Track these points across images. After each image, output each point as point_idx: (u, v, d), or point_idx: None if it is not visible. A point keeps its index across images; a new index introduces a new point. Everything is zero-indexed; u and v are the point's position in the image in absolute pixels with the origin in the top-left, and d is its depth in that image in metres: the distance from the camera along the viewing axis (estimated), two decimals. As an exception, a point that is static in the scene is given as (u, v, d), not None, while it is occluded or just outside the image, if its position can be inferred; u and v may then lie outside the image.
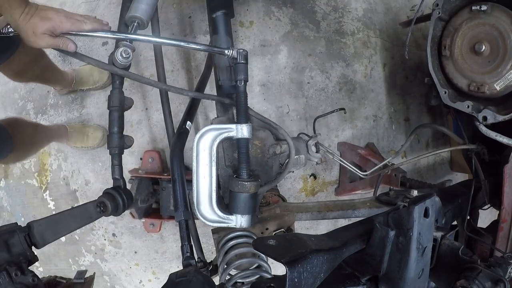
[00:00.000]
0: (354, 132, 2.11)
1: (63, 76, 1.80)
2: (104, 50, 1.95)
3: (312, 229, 2.12)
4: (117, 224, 2.02)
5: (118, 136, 1.22)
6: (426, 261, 0.89)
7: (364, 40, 2.13)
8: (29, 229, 0.99)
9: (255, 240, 0.84)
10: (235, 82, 1.11)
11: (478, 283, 0.83)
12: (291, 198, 2.06)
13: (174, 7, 1.96)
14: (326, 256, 0.78)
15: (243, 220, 1.10)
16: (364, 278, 0.93)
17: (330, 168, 2.12)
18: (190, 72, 1.97)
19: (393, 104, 2.21)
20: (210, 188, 1.09)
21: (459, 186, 1.57)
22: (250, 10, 1.98)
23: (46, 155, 2.04)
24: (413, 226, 0.82)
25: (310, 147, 1.36)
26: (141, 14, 1.12)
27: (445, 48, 1.35)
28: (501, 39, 1.22)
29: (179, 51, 1.96)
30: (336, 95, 2.06)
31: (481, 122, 1.24)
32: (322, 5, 2.07)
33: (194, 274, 0.95)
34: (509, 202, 1.29)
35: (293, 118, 2.02)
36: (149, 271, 2.10)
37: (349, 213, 1.48)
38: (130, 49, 1.10)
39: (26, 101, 2.03)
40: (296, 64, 2.01)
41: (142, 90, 1.97)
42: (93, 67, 1.87)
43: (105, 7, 1.96)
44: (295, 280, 0.69)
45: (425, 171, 2.38)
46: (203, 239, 1.57)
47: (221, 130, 1.08)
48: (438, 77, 1.36)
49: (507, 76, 1.23)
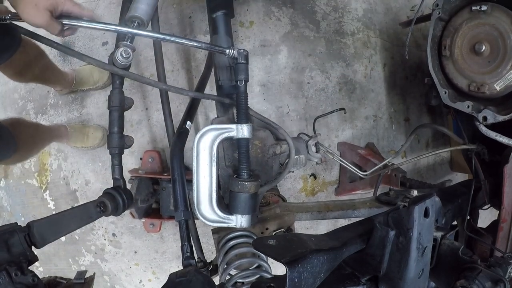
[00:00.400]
0: (354, 132, 2.11)
1: (63, 77, 1.80)
2: (104, 50, 1.95)
3: (312, 229, 2.12)
4: (117, 224, 2.02)
5: (118, 136, 1.22)
6: (426, 261, 0.89)
7: (364, 40, 2.13)
8: (29, 229, 0.99)
9: (255, 240, 0.84)
10: (235, 82, 1.11)
11: (478, 283, 0.83)
12: (291, 198, 2.06)
13: (174, 7, 1.96)
14: (326, 256, 0.78)
15: (243, 220, 1.10)
16: (364, 278, 0.93)
17: (330, 168, 2.12)
18: (190, 72, 1.97)
19: (393, 104, 2.22)
20: (210, 188, 1.09)
21: (459, 186, 1.57)
22: (250, 10, 1.98)
23: (46, 155, 2.04)
24: (413, 226, 0.82)
25: (310, 147, 1.36)
26: (141, 14, 1.12)
27: (445, 48, 1.35)
28: (501, 39, 1.22)
29: (179, 51, 1.96)
30: (336, 95, 2.07)
31: (481, 122, 1.24)
32: (322, 5, 2.07)
33: (194, 274, 0.95)
34: (509, 202, 1.29)
35: (293, 118, 2.02)
36: (149, 271, 2.10)
37: (349, 213, 1.48)
38: (130, 49, 1.10)
39: (26, 101, 2.03)
40: (296, 64, 2.01)
41: (142, 90, 1.97)
42: (93, 68, 1.86)
43: (105, 7, 1.96)
44: (295, 280, 0.69)
45: (425, 171, 2.38)
46: (203, 239, 1.57)
47: (221, 130, 1.08)
48: (438, 77, 1.36)
49: (507, 76, 1.23)
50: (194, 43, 1.17)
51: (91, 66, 1.86)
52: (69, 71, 1.86)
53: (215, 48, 1.14)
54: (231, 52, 1.09)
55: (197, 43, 1.17)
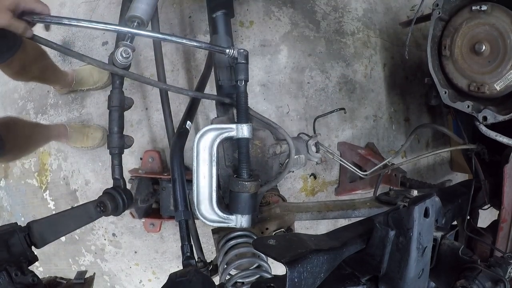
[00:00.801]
0: (354, 132, 2.11)
1: (63, 76, 1.80)
2: (104, 50, 1.95)
3: (312, 229, 2.12)
4: (117, 224, 2.02)
5: (118, 136, 1.23)
6: (426, 261, 0.89)
7: (364, 40, 2.13)
8: (29, 229, 0.99)
9: (255, 240, 0.84)
10: (235, 82, 1.11)
11: (478, 283, 0.83)
12: (291, 198, 2.06)
13: (174, 7, 1.96)
14: (326, 256, 0.78)
15: (243, 220, 1.10)
16: (364, 278, 0.93)
17: (330, 168, 2.12)
18: (190, 72, 1.97)
19: (393, 104, 2.21)
20: (210, 188, 1.09)
21: (459, 186, 1.57)
22: (250, 10, 1.98)
23: (46, 155, 2.04)
24: (413, 226, 0.82)
25: (310, 147, 1.36)
26: (141, 14, 1.12)
27: (445, 48, 1.35)
28: (501, 39, 1.22)
29: (179, 51, 1.96)
30: (336, 95, 2.06)
31: (481, 122, 1.24)
32: (322, 5, 2.06)
33: (194, 274, 0.95)
34: (509, 202, 1.29)
35: (293, 118, 2.02)
36: (149, 271, 2.10)
37: (349, 213, 1.48)
38: (130, 49, 1.11)
39: (26, 101, 2.03)
40: (296, 64, 2.01)
41: (142, 90, 1.97)
42: (93, 68, 1.86)
43: (105, 7, 1.96)
44: (295, 280, 0.69)
45: (425, 171, 2.38)
46: (203, 239, 1.57)
47: (221, 130, 1.08)
48: (438, 77, 1.36)
49: (507, 76, 1.23)
50: (194, 43, 1.17)
51: (91, 66, 1.86)
52: (69, 71, 1.86)
53: (215, 48, 1.14)
54: (231, 52, 1.09)
55: (197, 43, 1.17)
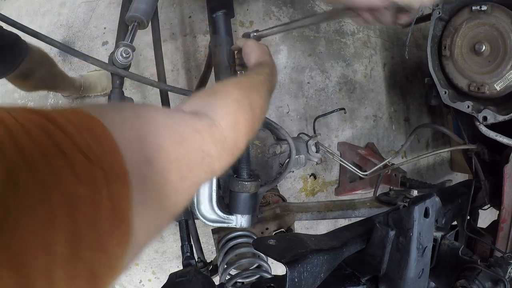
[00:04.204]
0: (354, 132, 2.11)
1: (71, 83, 1.78)
2: (104, 50, 1.95)
3: (312, 229, 2.12)
4: (117, 224, 2.02)
5: (118, 136, 1.22)
6: (426, 261, 0.89)
7: (364, 40, 2.13)
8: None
9: (255, 240, 0.84)
10: (235, 82, 1.11)
11: (478, 283, 0.83)
12: (291, 198, 2.06)
13: (174, 7, 1.96)
14: (326, 256, 0.78)
15: (243, 220, 1.10)
16: (364, 278, 0.93)
17: (330, 168, 2.12)
18: (190, 71, 1.97)
19: (393, 104, 2.21)
20: (210, 188, 1.09)
21: (459, 186, 1.57)
22: (250, 10, 1.98)
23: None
24: (413, 226, 0.82)
25: (310, 147, 1.36)
26: (141, 14, 1.12)
27: (445, 48, 1.35)
28: (501, 39, 1.22)
29: (179, 51, 1.96)
30: (336, 95, 2.06)
31: (481, 122, 1.24)
32: (322, 5, 2.06)
33: (194, 274, 0.95)
34: (509, 202, 1.29)
35: (293, 118, 2.02)
36: (149, 271, 2.10)
37: (349, 213, 1.48)
38: (130, 48, 1.10)
39: (26, 101, 2.03)
40: (296, 64, 2.01)
41: (142, 90, 1.96)
42: (101, 74, 1.86)
43: (105, 7, 1.96)
44: (295, 280, 0.69)
45: (425, 171, 2.38)
46: (203, 239, 1.56)
47: (221, 130, 1.08)
48: (438, 77, 1.36)
49: (507, 76, 1.23)
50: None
51: (99, 72, 1.86)
52: (77, 77, 1.84)
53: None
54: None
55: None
